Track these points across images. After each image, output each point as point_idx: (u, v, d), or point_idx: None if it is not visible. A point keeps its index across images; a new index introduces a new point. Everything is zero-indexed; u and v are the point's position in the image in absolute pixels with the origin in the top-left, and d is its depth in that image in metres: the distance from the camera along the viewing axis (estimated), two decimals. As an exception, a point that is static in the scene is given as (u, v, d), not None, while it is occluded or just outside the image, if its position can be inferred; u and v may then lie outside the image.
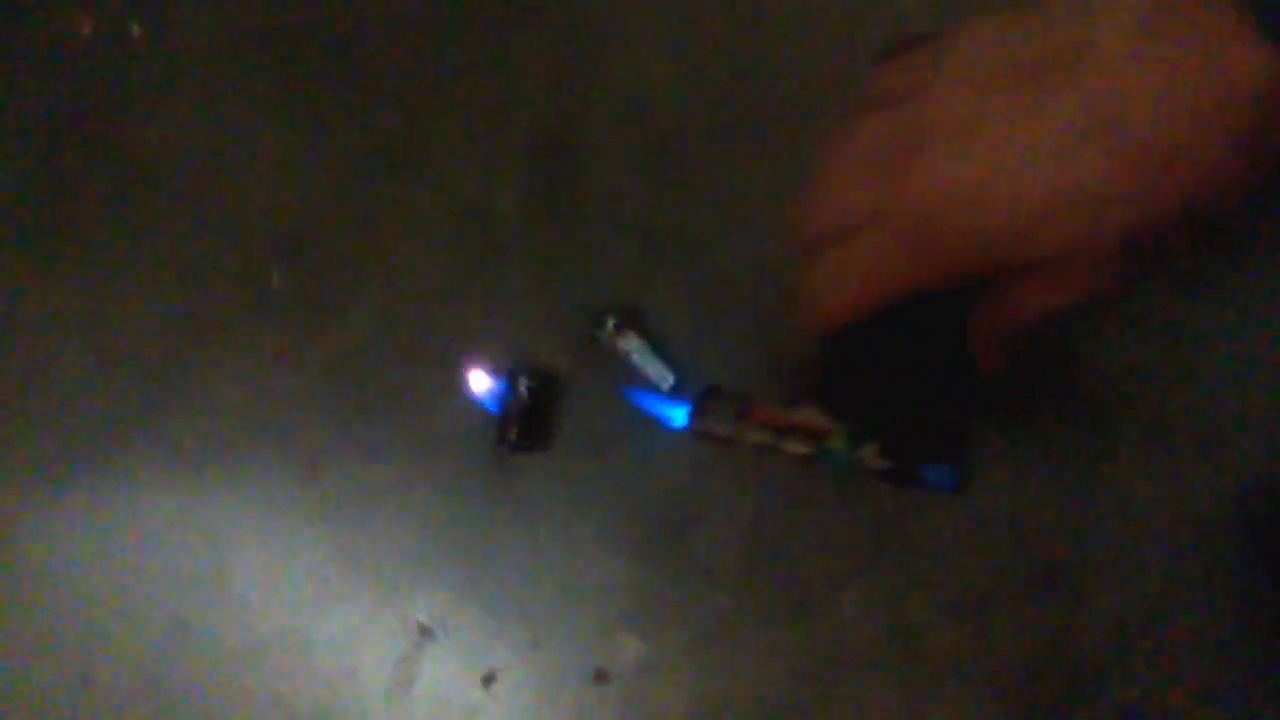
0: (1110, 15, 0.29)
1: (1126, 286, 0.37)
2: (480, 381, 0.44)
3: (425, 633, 0.46)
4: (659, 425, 0.41)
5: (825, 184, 0.34)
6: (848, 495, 0.43)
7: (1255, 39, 0.27)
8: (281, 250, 0.48)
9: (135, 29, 0.50)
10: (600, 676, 0.44)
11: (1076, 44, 0.29)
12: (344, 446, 0.47)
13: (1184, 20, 0.28)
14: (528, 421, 0.45)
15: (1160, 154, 0.29)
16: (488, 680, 0.45)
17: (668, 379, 0.44)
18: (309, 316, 0.48)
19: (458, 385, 0.45)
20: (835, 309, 0.34)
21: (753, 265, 0.45)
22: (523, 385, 0.44)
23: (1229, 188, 0.29)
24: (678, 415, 0.40)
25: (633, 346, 0.45)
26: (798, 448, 0.37)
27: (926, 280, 0.32)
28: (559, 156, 0.46)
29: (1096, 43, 0.29)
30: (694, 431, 0.40)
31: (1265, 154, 0.29)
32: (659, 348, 0.45)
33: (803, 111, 0.45)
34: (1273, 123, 0.28)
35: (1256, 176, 0.29)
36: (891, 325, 0.33)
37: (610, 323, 0.45)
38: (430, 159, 0.47)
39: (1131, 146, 0.29)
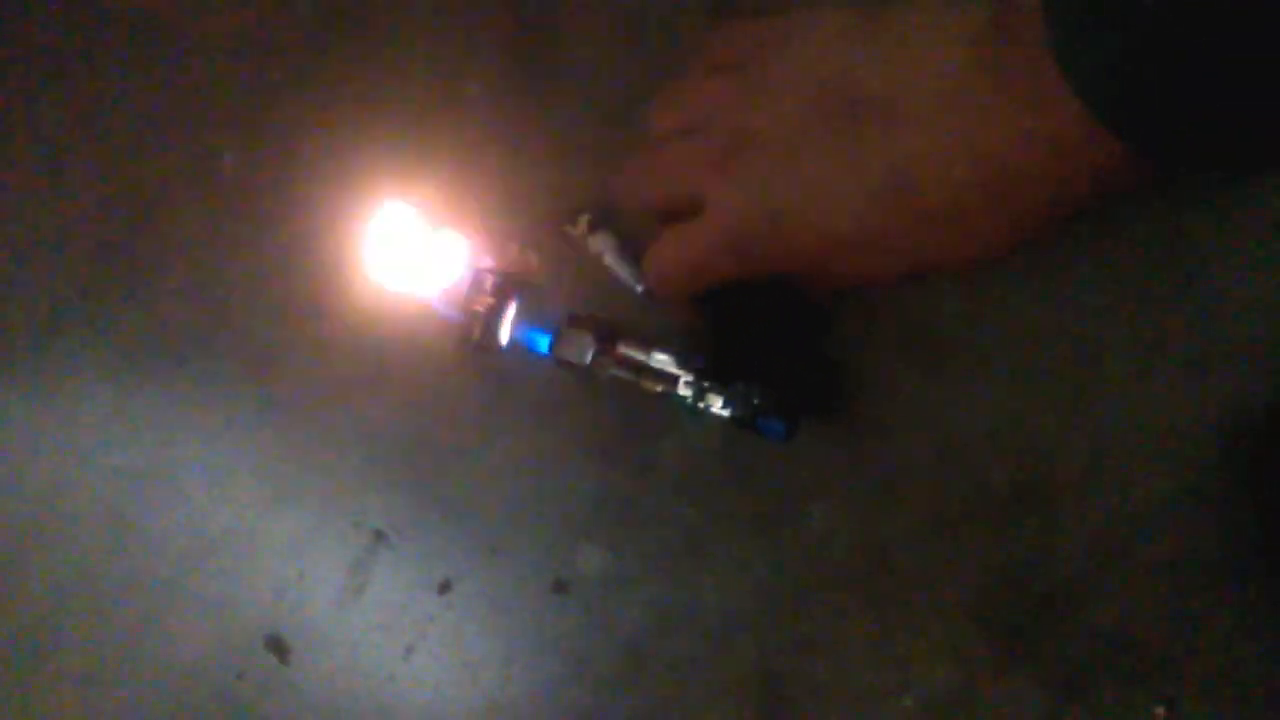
0: (927, 72, 0.31)
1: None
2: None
3: (379, 537, 0.44)
4: (533, 351, 0.41)
5: (656, 152, 0.38)
6: (818, 410, 0.41)
7: (1063, 97, 0.27)
8: (234, 130, 0.45)
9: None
10: (560, 586, 0.43)
11: (892, 97, 0.32)
12: (297, 341, 0.44)
13: (994, 82, 0.29)
14: (493, 321, 0.42)
15: (945, 217, 0.32)
16: (443, 588, 0.44)
17: (639, 284, 0.42)
18: (262, 202, 0.45)
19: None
20: (673, 288, 0.38)
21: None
22: (489, 283, 0.42)
23: (1012, 243, 0.33)
24: (542, 343, 0.40)
25: (606, 247, 0.42)
26: (653, 386, 0.39)
27: (745, 274, 0.36)
28: (534, 35, 0.43)
29: (908, 103, 0.31)
30: (555, 360, 0.40)
31: (1054, 213, 0.32)
32: (634, 250, 0.42)
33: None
34: (1067, 184, 0.30)
35: (1042, 232, 0.32)
36: (737, 295, 0.37)
37: (583, 221, 0.42)
38: (395, 36, 0.44)
39: (920, 208, 0.32)
